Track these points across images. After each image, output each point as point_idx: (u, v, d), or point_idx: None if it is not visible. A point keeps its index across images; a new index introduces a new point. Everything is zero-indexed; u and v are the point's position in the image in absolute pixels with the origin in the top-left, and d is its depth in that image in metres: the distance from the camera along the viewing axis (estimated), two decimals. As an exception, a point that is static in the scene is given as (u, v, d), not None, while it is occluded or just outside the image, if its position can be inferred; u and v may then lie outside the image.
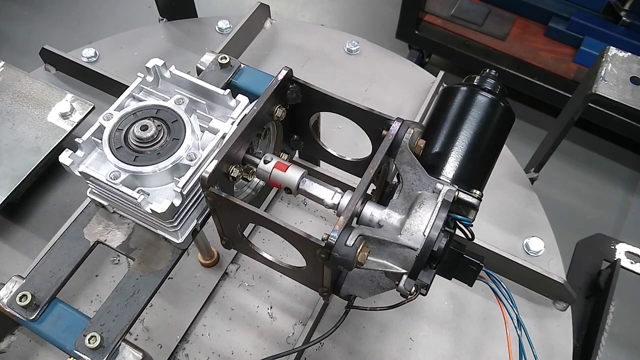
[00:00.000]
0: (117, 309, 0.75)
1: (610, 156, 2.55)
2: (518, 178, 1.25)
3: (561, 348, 1.03)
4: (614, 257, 1.18)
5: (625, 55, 1.05)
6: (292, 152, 0.96)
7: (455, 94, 0.82)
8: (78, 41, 0.80)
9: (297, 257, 0.73)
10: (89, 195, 0.82)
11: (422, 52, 2.72)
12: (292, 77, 0.80)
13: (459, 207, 0.72)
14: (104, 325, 0.74)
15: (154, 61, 0.82)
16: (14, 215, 1.14)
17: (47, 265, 0.79)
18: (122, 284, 0.78)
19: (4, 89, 1.14)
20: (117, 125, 0.77)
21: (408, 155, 0.72)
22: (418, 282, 0.69)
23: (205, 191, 0.70)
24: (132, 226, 0.83)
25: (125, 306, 0.76)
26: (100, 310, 0.75)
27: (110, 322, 0.74)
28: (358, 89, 1.38)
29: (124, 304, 0.76)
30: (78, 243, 0.81)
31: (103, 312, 0.75)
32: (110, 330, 0.74)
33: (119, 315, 0.75)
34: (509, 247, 1.10)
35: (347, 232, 0.63)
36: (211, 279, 1.06)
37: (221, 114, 0.82)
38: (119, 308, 0.75)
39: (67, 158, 0.76)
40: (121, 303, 0.76)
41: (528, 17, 2.51)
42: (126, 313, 0.75)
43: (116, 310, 0.75)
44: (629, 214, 2.39)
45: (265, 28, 1.49)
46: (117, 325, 0.74)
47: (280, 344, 1.01)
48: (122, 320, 0.75)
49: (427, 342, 1.03)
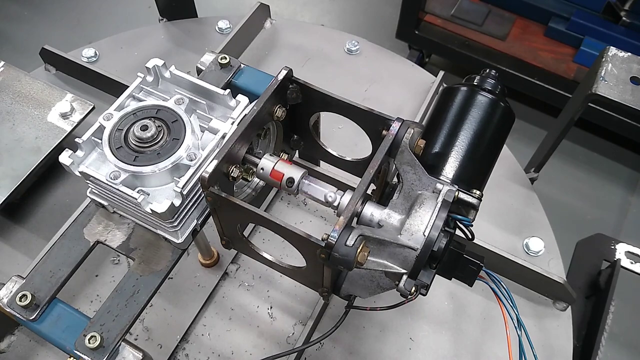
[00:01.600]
0: (117, 309, 0.75)
1: (610, 156, 2.55)
2: (518, 178, 1.25)
3: (561, 348, 1.03)
4: (614, 257, 1.18)
5: (625, 55, 1.05)
6: (292, 152, 0.96)
7: (455, 94, 0.82)
8: (78, 41, 0.80)
9: (297, 257, 0.73)
10: (89, 195, 0.82)
11: (422, 52, 2.72)
12: (292, 77, 0.80)
13: (459, 207, 0.72)
14: (104, 325, 0.74)
15: (154, 61, 0.82)
16: (14, 215, 1.14)
17: (47, 265, 0.79)
18: (122, 284, 0.78)
19: (4, 89, 1.14)
20: (117, 125, 0.77)
21: (408, 155, 0.72)
22: (418, 282, 0.69)
23: (205, 191, 0.70)
24: (132, 226, 0.83)
25: (125, 306, 0.76)
26: (100, 310, 0.75)
27: (110, 322, 0.74)
28: (358, 89, 1.38)
29: (124, 304, 0.76)
30: (78, 243, 0.81)
31: (103, 312, 0.75)
32: (110, 330, 0.74)
33: (119, 315, 0.75)
34: (509, 247, 1.10)
35: (347, 232, 0.63)
36: (211, 279, 1.06)
37: (221, 114, 0.82)
38: (119, 308, 0.75)
39: (67, 158, 0.76)
40: (121, 303, 0.76)
41: (528, 17, 2.51)
42: (126, 313, 0.75)
43: (116, 310, 0.75)
44: (629, 214, 2.39)
45: (265, 28, 1.49)
46: (117, 325, 0.74)
47: (280, 344, 1.01)
48: (122, 320, 0.75)
49: (427, 342, 1.03)
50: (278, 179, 0.77)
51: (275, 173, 0.77)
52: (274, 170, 0.77)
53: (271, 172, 0.77)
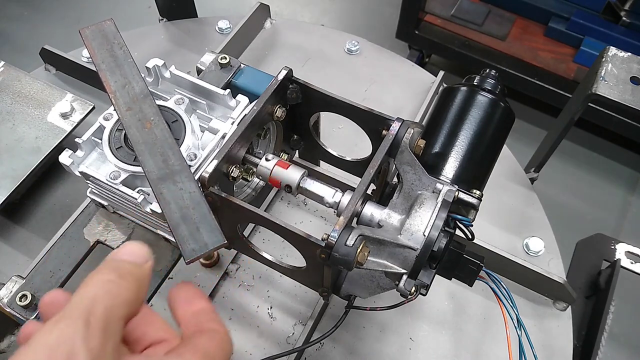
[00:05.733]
0: (117, 309, 0.75)
1: (610, 156, 2.55)
2: (518, 178, 1.25)
3: (561, 348, 1.03)
4: (614, 257, 1.18)
5: (625, 55, 1.05)
6: (292, 152, 0.96)
7: (455, 94, 0.82)
8: (78, 41, 0.79)
9: (297, 257, 0.73)
10: (89, 195, 0.82)
11: (422, 52, 2.72)
12: (292, 77, 0.80)
13: (459, 207, 0.72)
14: (104, 325, 0.74)
15: (154, 61, 0.82)
16: (14, 215, 1.14)
17: (47, 265, 0.79)
18: (122, 284, 0.77)
19: (4, 89, 1.14)
20: (117, 125, 0.77)
21: (408, 155, 0.72)
22: (418, 282, 0.70)
23: (205, 191, 0.70)
24: (132, 226, 0.83)
25: (125, 306, 0.76)
26: (100, 310, 0.75)
27: (110, 322, 0.74)
28: (358, 89, 1.38)
29: (124, 304, 0.76)
30: (78, 243, 0.81)
31: (103, 312, 0.75)
32: (110, 330, 0.73)
33: (119, 315, 0.75)
34: (509, 247, 1.10)
35: (347, 232, 0.63)
36: (211, 279, 1.06)
37: (221, 114, 0.82)
38: (119, 308, 0.75)
39: (67, 158, 0.76)
40: (121, 303, 0.76)
41: (528, 17, 2.51)
42: (126, 313, 0.75)
43: (116, 310, 0.75)
44: (629, 214, 2.39)
45: (265, 28, 1.49)
46: (117, 325, 0.74)
47: (280, 344, 1.01)
48: (122, 320, 0.74)
49: (427, 342, 1.03)
50: (278, 179, 0.77)
51: (275, 173, 0.77)
52: (273, 170, 0.77)
53: (271, 172, 0.77)
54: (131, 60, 0.77)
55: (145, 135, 0.71)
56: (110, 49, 0.77)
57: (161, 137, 0.71)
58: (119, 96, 0.74)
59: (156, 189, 0.67)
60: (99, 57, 0.77)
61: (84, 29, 0.78)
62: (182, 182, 0.68)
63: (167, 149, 0.70)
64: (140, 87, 0.75)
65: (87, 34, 0.78)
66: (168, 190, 0.67)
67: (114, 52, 0.77)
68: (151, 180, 0.68)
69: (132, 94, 0.74)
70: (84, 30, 0.78)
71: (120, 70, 0.76)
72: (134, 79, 0.75)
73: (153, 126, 0.72)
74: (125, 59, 0.77)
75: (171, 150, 0.70)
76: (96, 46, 0.77)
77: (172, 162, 0.69)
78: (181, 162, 0.69)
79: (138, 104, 0.73)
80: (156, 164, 0.69)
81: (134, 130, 0.72)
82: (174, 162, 0.69)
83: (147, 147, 0.70)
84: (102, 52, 0.77)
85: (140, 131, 0.72)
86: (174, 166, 0.69)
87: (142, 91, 0.75)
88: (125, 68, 0.76)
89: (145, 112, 0.73)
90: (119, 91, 0.74)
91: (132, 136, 0.71)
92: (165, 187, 0.67)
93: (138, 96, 0.74)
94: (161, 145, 0.70)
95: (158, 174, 0.68)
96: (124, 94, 0.74)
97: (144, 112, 0.73)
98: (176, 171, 0.69)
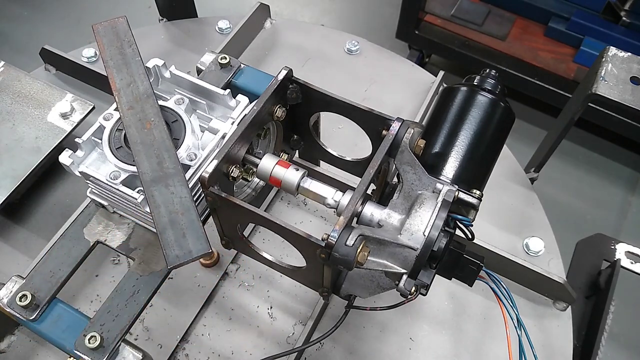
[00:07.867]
0: (117, 309, 0.75)
1: (610, 156, 2.55)
2: (518, 178, 1.25)
3: (561, 348, 1.03)
4: (614, 257, 1.18)
5: (625, 55, 1.05)
6: (292, 152, 0.96)
7: (455, 94, 0.82)
8: (78, 41, 0.80)
9: (297, 257, 0.73)
10: (89, 195, 0.82)
11: (422, 52, 2.72)
12: (292, 77, 0.80)
13: (459, 207, 0.72)
14: (104, 325, 0.74)
15: (154, 61, 0.82)
16: (14, 215, 1.14)
17: (47, 265, 0.79)
18: (122, 284, 0.78)
19: (4, 89, 1.14)
20: (117, 125, 0.77)
21: (408, 155, 0.72)
22: (418, 282, 0.70)
23: (205, 191, 0.70)
24: (132, 226, 0.83)
25: (125, 306, 0.76)
26: (100, 310, 0.75)
27: (110, 322, 0.74)
28: (358, 89, 1.38)
29: (124, 304, 0.76)
30: (78, 243, 0.81)
31: (103, 312, 0.75)
32: (110, 330, 0.74)
33: (119, 315, 0.75)
34: (509, 247, 1.10)
35: (347, 232, 0.63)
36: (211, 279, 1.06)
37: (221, 114, 0.82)
38: (119, 308, 0.75)
39: (67, 158, 0.76)
40: (121, 303, 0.76)
41: (528, 17, 2.51)
42: (126, 313, 0.75)
43: (116, 310, 0.75)
44: (629, 214, 2.39)
45: (265, 28, 1.49)
46: (117, 325, 0.74)
47: (280, 344, 1.01)
48: (122, 320, 0.75)
49: (427, 342, 1.03)
50: (278, 179, 0.77)
51: (275, 173, 0.77)
52: (273, 170, 0.77)
53: (271, 172, 0.77)
54: (139, 59, 0.77)
55: (144, 135, 0.71)
56: (120, 47, 0.78)
57: (159, 139, 0.71)
58: (123, 94, 0.74)
59: (148, 191, 0.67)
60: (107, 53, 0.77)
61: (97, 24, 0.79)
62: (175, 187, 0.68)
63: (163, 152, 0.70)
64: (145, 86, 0.75)
65: (99, 29, 0.78)
66: (159, 193, 0.67)
67: (123, 50, 0.77)
68: (144, 181, 0.68)
69: (136, 93, 0.74)
70: (97, 27, 0.78)
71: (127, 69, 0.76)
72: (139, 78, 0.75)
73: (152, 127, 0.72)
74: (133, 57, 0.77)
75: (167, 153, 0.70)
76: (106, 43, 0.77)
77: (166, 165, 0.69)
78: (176, 166, 0.70)
79: (140, 103, 0.73)
80: (151, 166, 0.69)
81: (133, 130, 0.72)
82: (169, 165, 0.69)
83: (144, 147, 0.70)
84: (112, 49, 0.77)
85: (139, 131, 0.72)
86: (168, 169, 0.69)
87: (146, 91, 0.75)
88: (132, 66, 0.76)
89: (147, 112, 0.73)
90: (123, 89, 0.74)
91: (131, 135, 0.71)
92: (157, 189, 0.68)
93: (141, 96, 0.74)
94: (158, 147, 0.70)
95: (151, 176, 0.68)
96: (127, 92, 0.74)
97: (145, 112, 0.73)
98: (170, 175, 0.69)
